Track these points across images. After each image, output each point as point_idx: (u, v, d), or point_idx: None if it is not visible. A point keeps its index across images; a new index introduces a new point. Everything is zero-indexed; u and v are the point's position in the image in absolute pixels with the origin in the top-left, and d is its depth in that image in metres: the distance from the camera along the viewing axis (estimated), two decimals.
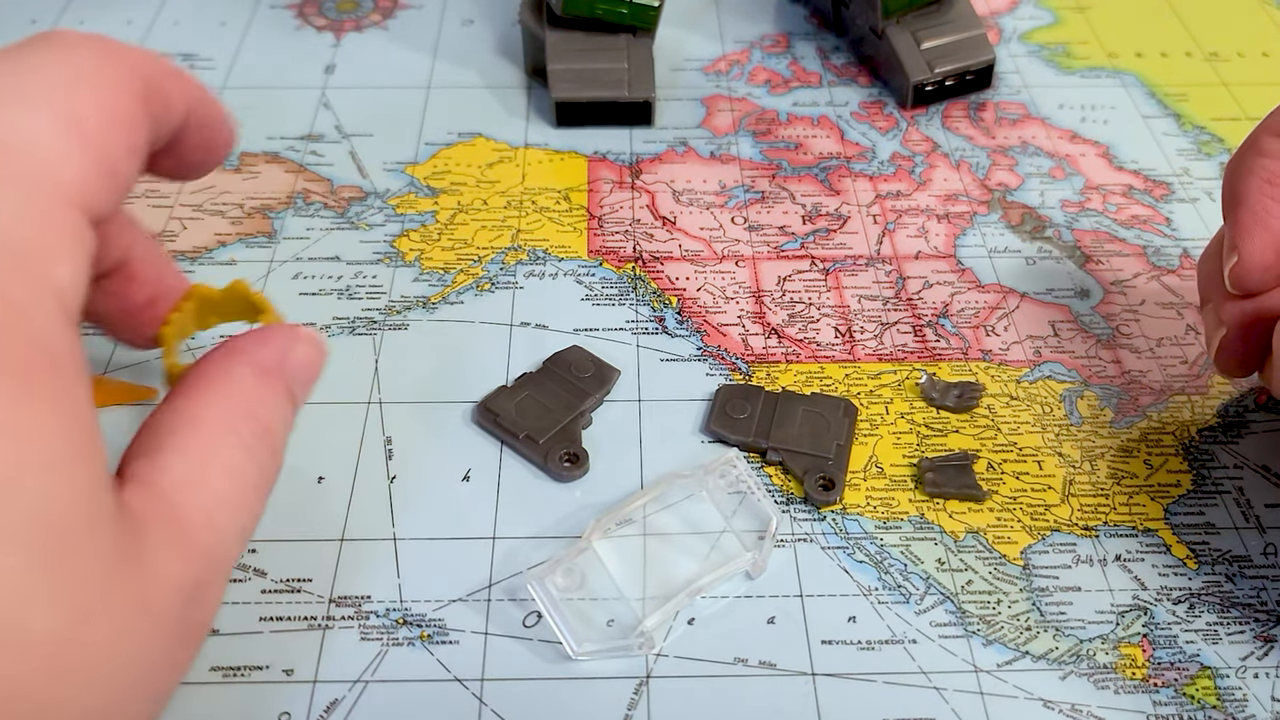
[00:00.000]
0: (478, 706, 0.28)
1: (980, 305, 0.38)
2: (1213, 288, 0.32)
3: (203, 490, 0.22)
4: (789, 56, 0.50)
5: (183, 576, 0.21)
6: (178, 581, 0.21)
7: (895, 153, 0.45)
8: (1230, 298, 0.31)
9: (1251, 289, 0.30)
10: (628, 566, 0.30)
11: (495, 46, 0.50)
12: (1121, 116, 0.47)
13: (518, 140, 0.45)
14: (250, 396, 0.24)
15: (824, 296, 0.38)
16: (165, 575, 0.21)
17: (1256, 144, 0.31)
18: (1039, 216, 0.42)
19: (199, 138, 0.25)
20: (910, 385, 0.35)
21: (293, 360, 0.25)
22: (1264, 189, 0.30)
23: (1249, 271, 0.30)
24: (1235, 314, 0.30)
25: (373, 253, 0.40)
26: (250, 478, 0.23)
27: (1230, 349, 0.31)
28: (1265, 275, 0.29)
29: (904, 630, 0.29)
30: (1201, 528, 0.32)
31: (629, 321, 0.37)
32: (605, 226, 0.41)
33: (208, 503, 0.22)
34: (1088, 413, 0.35)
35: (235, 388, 0.24)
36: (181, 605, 0.21)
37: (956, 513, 0.32)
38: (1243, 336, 0.30)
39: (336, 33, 0.51)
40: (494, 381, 0.35)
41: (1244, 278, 0.30)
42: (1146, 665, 0.29)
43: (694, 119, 0.46)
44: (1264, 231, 0.29)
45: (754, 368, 0.36)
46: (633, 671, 0.28)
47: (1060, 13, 0.53)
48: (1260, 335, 0.30)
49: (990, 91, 0.48)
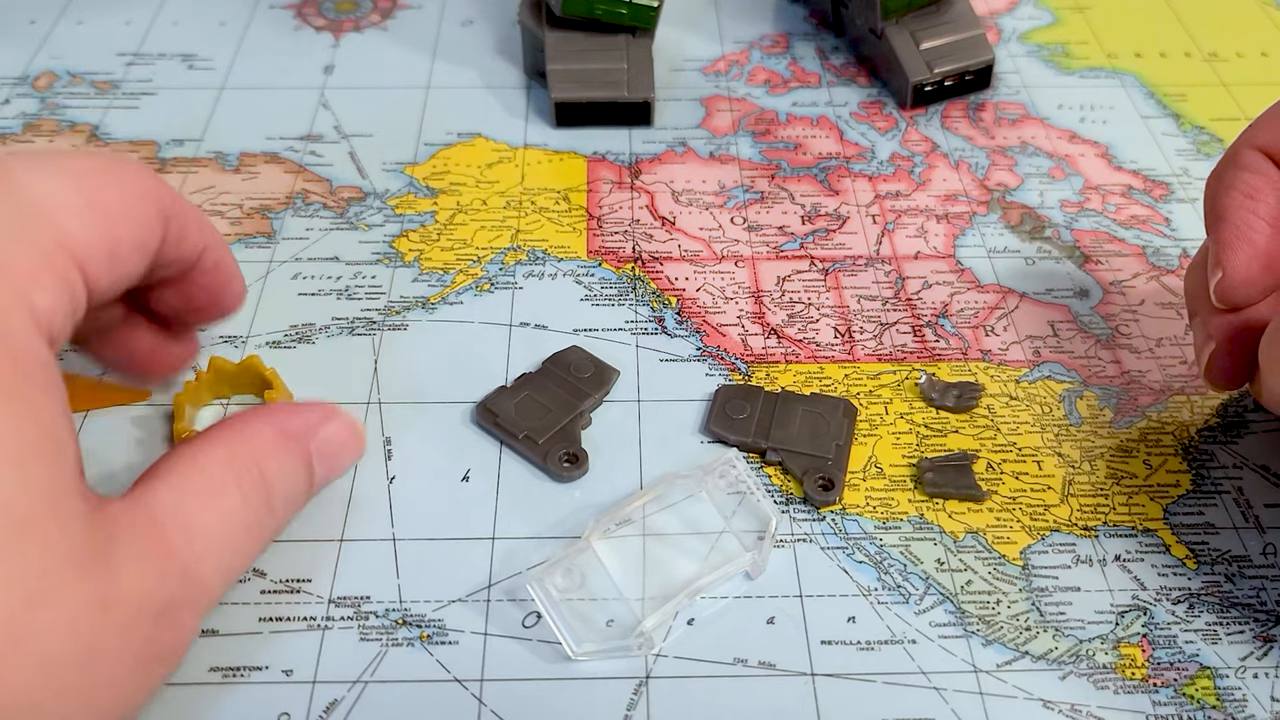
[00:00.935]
0: (477, 707, 0.28)
1: (980, 305, 0.38)
2: (1199, 301, 0.32)
3: (188, 517, 0.23)
4: (788, 57, 0.50)
5: (154, 590, 0.21)
6: (148, 594, 0.21)
7: (894, 153, 0.45)
8: (1217, 312, 0.31)
9: (1237, 303, 0.30)
10: (627, 567, 0.30)
11: (495, 47, 0.50)
12: (1121, 116, 0.47)
13: (517, 140, 0.45)
14: (260, 449, 0.25)
15: (823, 297, 0.38)
16: (134, 584, 0.21)
17: (1236, 158, 0.31)
18: (1038, 217, 0.42)
19: (209, 280, 0.27)
20: (910, 385, 0.35)
21: (321, 435, 0.27)
22: (1245, 204, 0.30)
23: (1234, 287, 0.30)
24: (1222, 327, 0.31)
25: (372, 253, 0.40)
26: (241, 520, 0.24)
27: (1218, 362, 0.31)
28: (1250, 290, 0.30)
29: (903, 630, 0.29)
30: (1201, 528, 0.32)
31: (628, 322, 0.37)
32: (604, 227, 0.41)
33: (192, 530, 0.23)
34: (1087, 413, 0.35)
35: (247, 438, 0.25)
36: (152, 620, 0.21)
37: (956, 513, 0.32)
38: (1230, 350, 0.30)
39: (335, 33, 0.51)
40: (493, 382, 0.35)
41: (1229, 293, 0.30)
42: (1146, 665, 0.29)
43: (693, 119, 0.46)
44: (1247, 246, 0.29)
45: (753, 368, 0.36)
46: (632, 672, 0.28)
47: (1059, 13, 0.53)
48: (1247, 348, 0.30)
49: (989, 92, 0.48)
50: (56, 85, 0.47)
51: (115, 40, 0.50)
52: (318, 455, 0.27)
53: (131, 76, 0.48)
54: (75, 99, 0.46)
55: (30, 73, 0.48)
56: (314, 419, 0.27)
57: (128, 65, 0.49)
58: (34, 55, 0.49)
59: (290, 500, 0.26)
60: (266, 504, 0.25)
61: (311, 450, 0.26)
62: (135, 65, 0.49)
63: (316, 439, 0.26)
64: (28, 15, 0.51)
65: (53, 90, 0.47)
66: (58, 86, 0.47)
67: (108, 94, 0.47)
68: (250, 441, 0.25)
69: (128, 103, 0.46)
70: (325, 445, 0.27)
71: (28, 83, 0.47)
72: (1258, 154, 0.30)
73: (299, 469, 0.26)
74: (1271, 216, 0.29)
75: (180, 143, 0.44)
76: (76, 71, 0.48)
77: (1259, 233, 0.29)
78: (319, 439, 0.26)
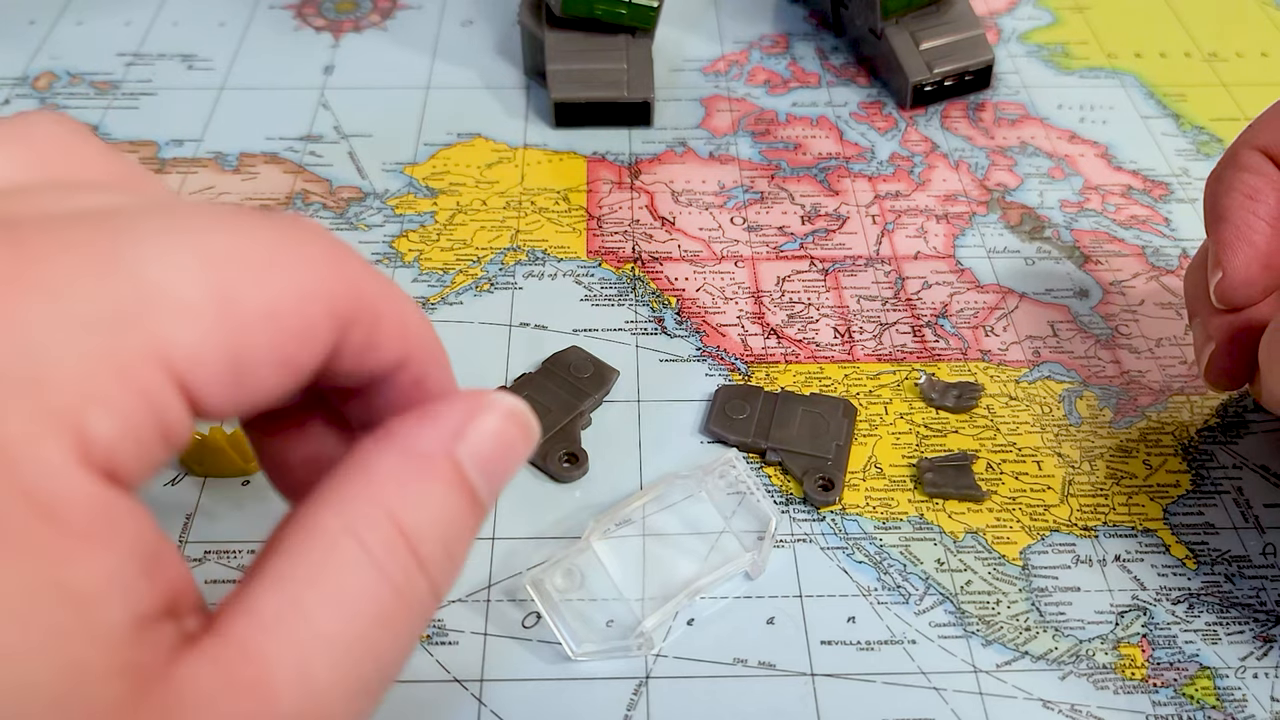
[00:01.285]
0: (477, 707, 0.28)
1: (979, 305, 0.38)
2: (1199, 302, 0.32)
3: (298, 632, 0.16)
4: (788, 57, 0.50)
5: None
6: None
7: (894, 153, 0.45)
8: (1217, 312, 0.31)
9: (1237, 304, 0.30)
10: (627, 567, 0.30)
11: (494, 47, 0.50)
12: (1120, 117, 0.47)
13: (517, 141, 0.45)
14: (387, 492, 0.18)
15: (823, 297, 0.38)
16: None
17: (1236, 158, 0.31)
18: (1038, 217, 0.42)
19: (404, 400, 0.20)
20: (909, 386, 0.35)
21: (471, 439, 0.19)
22: (1245, 204, 0.30)
23: (1234, 287, 0.30)
24: (1222, 328, 0.31)
25: (371, 253, 0.40)
26: (376, 607, 0.17)
27: (1219, 363, 0.31)
28: (1250, 290, 0.30)
29: (903, 630, 0.29)
30: (1201, 528, 0.32)
31: (628, 322, 0.37)
32: (604, 227, 0.41)
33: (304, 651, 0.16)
34: (1087, 413, 0.35)
35: (368, 482, 0.18)
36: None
37: (956, 513, 0.32)
38: (1230, 350, 0.30)
39: (335, 33, 0.51)
40: (493, 382, 0.35)
41: (1229, 293, 0.30)
42: (1146, 665, 0.29)
43: (693, 119, 0.46)
44: (1247, 247, 0.30)
45: (753, 368, 0.36)
46: (632, 672, 0.28)
47: (1059, 13, 0.53)
48: (1247, 348, 0.30)
49: (989, 92, 0.48)
50: (56, 85, 0.47)
51: (115, 41, 0.50)
52: (475, 467, 0.19)
53: (131, 77, 0.48)
54: (75, 99, 0.46)
55: (30, 73, 0.48)
56: (455, 419, 0.19)
57: (127, 66, 0.49)
58: (34, 55, 0.49)
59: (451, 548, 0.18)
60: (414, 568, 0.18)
61: (464, 463, 0.19)
62: (135, 66, 0.49)
63: (464, 447, 0.19)
64: (27, 15, 0.51)
65: (52, 91, 0.47)
66: (57, 87, 0.47)
67: (107, 94, 0.47)
68: (372, 485, 0.18)
69: (127, 103, 0.46)
70: (481, 451, 0.19)
71: (27, 83, 0.47)
72: (1258, 154, 0.30)
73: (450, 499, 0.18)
74: (1271, 217, 0.30)
75: (180, 143, 0.44)
76: (76, 72, 0.48)
77: (1259, 233, 0.29)
78: (468, 446, 0.19)
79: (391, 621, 0.17)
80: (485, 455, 0.19)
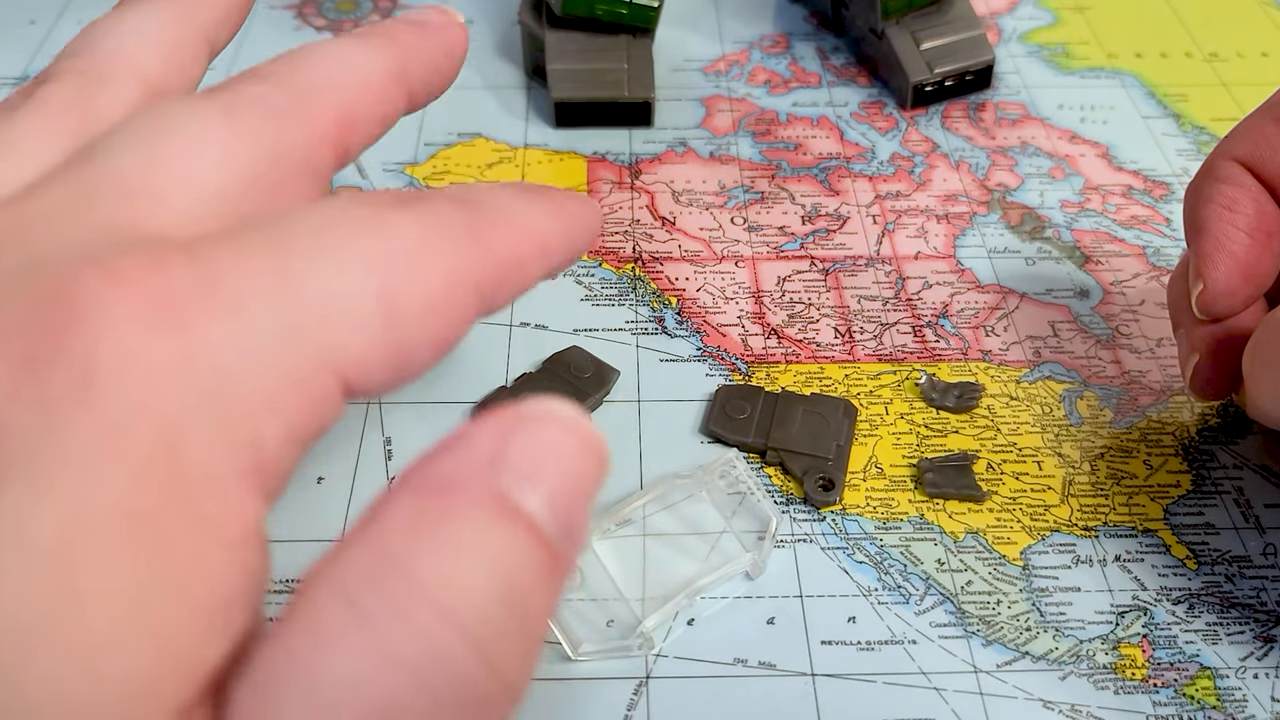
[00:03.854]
0: None
1: (980, 305, 0.38)
2: (1182, 312, 0.32)
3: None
4: (788, 57, 0.50)
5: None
6: None
7: (895, 153, 0.45)
8: (1199, 323, 0.31)
9: (1219, 315, 0.30)
10: (627, 567, 0.30)
11: (495, 46, 0.50)
12: (1121, 117, 0.47)
13: (517, 141, 0.45)
14: (392, 545, 0.14)
15: (823, 297, 0.38)
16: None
17: (1214, 170, 0.31)
18: (1038, 217, 0.42)
19: None
20: (910, 386, 0.35)
21: (512, 457, 0.15)
22: (1224, 215, 0.30)
23: (1215, 298, 0.30)
24: (1205, 339, 0.31)
25: None
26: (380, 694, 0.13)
27: (1203, 374, 0.31)
28: (1231, 301, 0.30)
29: (904, 631, 0.29)
30: (1201, 528, 0.32)
31: (628, 322, 0.37)
32: (604, 227, 0.41)
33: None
34: (1087, 413, 0.35)
35: (373, 536, 0.15)
36: None
37: (956, 513, 0.32)
38: (1214, 361, 0.31)
39: (336, 33, 0.51)
40: (493, 382, 0.35)
41: (1211, 304, 0.30)
42: (1146, 666, 0.29)
43: (693, 119, 0.46)
44: (1227, 258, 0.30)
45: (753, 368, 0.36)
46: (632, 672, 0.28)
47: (1060, 13, 0.53)
48: (1232, 358, 0.30)
49: (990, 92, 0.48)
50: None
51: None
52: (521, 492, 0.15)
53: None
54: None
55: (30, 73, 0.48)
56: (492, 437, 0.15)
57: None
58: (34, 55, 0.49)
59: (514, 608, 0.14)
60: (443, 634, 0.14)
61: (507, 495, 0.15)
62: None
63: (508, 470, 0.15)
64: (28, 15, 0.51)
65: None
66: None
67: None
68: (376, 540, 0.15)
69: None
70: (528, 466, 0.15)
71: None
72: (1235, 165, 0.30)
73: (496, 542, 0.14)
74: (1250, 227, 0.30)
75: None
76: None
77: (1238, 244, 0.30)
78: (512, 465, 0.15)
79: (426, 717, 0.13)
80: (530, 469, 0.15)
